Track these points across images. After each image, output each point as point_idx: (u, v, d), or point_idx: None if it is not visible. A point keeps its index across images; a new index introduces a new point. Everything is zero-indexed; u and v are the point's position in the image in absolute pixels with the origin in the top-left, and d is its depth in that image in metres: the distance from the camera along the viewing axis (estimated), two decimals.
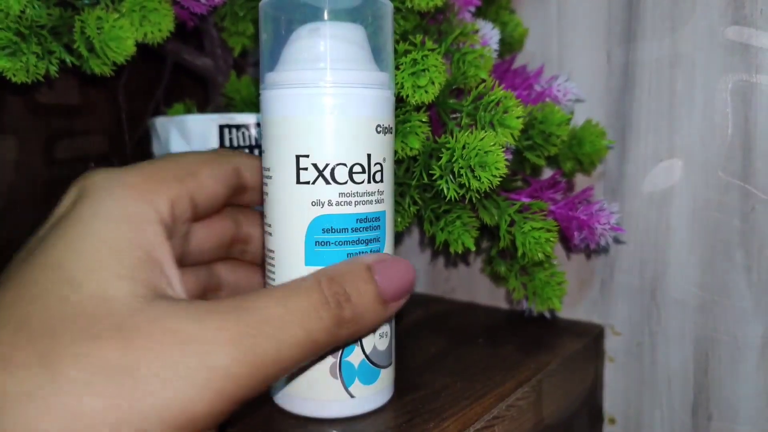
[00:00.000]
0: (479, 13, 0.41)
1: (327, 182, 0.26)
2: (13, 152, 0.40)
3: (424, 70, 0.30)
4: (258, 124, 0.37)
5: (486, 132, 0.30)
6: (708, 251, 0.38)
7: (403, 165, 0.34)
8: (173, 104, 0.43)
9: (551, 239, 0.34)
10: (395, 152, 0.32)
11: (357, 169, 0.27)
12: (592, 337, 0.41)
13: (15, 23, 0.30)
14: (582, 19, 0.42)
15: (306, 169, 0.26)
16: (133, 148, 0.45)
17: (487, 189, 0.30)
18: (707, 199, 0.38)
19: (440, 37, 0.35)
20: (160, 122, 0.38)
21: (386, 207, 0.28)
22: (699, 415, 0.39)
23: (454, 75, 0.34)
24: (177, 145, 0.37)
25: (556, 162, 0.41)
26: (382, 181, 0.28)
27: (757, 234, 0.37)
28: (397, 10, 0.33)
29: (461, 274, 0.49)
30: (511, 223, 0.34)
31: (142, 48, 0.33)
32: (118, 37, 0.31)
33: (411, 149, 0.32)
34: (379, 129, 0.27)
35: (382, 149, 0.27)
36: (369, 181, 0.27)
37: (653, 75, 0.39)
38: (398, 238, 0.51)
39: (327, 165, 0.26)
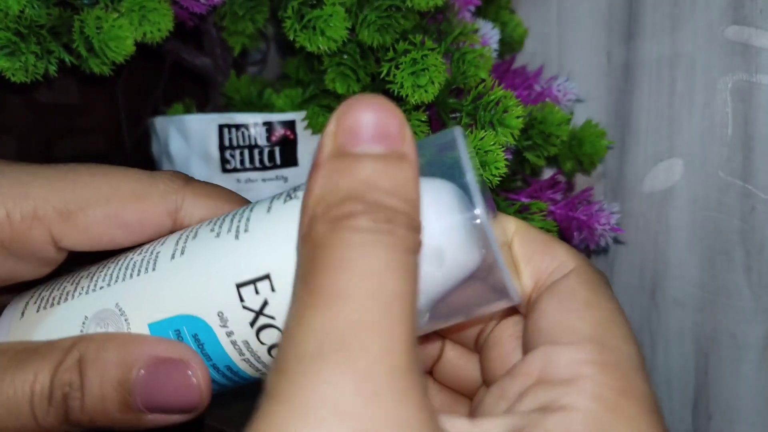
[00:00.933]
0: (479, 12, 0.41)
1: (251, 324, 0.21)
2: (12, 152, 0.40)
3: (423, 70, 0.31)
4: (257, 124, 0.37)
5: (486, 132, 0.30)
6: (708, 251, 0.38)
7: None
8: (173, 104, 0.43)
9: None
10: None
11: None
12: None
13: (14, 23, 0.30)
14: (582, 19, 0.42)
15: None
16: (132, 147, 0.45)
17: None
18: (707, 199, 0.38)
19: (440, 36, 0.35)
20: (160, 122, 0.38)
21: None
22: (699, 414, 0.39)
23: (454, 75, 0.34)
24: (176, 144, 0.37)
25: (556, 162, 0.41)
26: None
27: (757, 234, 0.37)
28: (397, 9, 0.33)
29: None
30: None
31: (142, 48, 0.33)
32: (117, 37, 0.31)
33: None
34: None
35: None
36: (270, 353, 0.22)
37: (653, 75, 0.39)
38: None
39: (273, 318, 0.21)
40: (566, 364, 0.17)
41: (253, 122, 0.37)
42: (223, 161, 0.37)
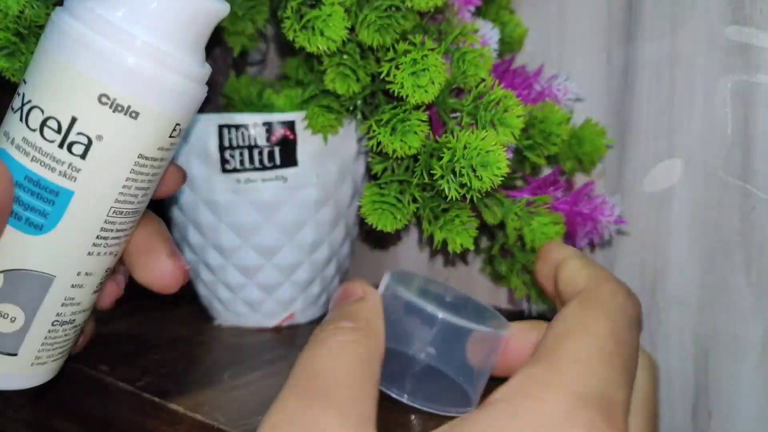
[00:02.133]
0: (479, 12, 0.41)
1: (21, 119, 0.24)
2: None
3: (424, 70, 0.31)
4: (257, 124, 0.37)
5: (487, 131, 0.30)
6: (708, 251, 0.38)
7: (403, 163, 0.34)
8: None
9: (560, 231, 0.34)
10: (394, 151, 0.32)
11: (52, 123, 0.23)
12: None
13: (14, 23, 0.30)
14: (582, 19, 0.42)
15: (19, 94, 0.25)
16: None
17: (489, 188, 0.30)
18: (707, 198, 0.38)
19: (440, 36, 0.35)
20: None
21: (79, 191, 0.24)
22: (699, 413, 0.39)
23: (454, 74, 0.34)
24: None
25: (556, 161, 0.41)
26: (83, 158, 0.24)
27: (757, 234, 0.37)
28: (396, 9, 0.33)
29: (460, 274, 0.49)
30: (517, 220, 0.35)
31: None
32: None
33: (410, 148, 0.32)
34: (105, 100, 0.23)
35: (99, 125, 0.24)
36: (61, 146, 0.24)
37: (653, 75, 0.39)
38: (397, 236, 0.51)
39: (30, 101, 0.24)
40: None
41: (253, 122, 0.37)
42: (223, 161, 0.37)
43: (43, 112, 0.24)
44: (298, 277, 0.40)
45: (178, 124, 0.25)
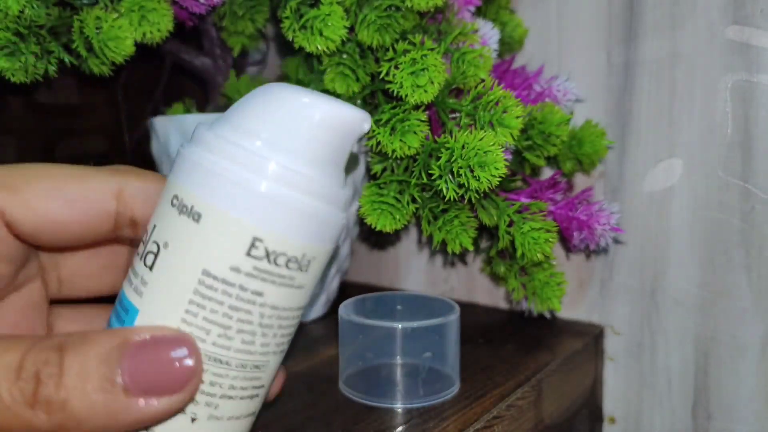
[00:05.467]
0: (479, 12, 0.41)
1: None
2: (12, 151, 0.40)
3: (423, 70, 0.30)
4: None
5: (485, 132, 0.30)
6: (708, 251, 0.38)
7: (402, 163, 0.34)
8: (172, 104, 0.43)
9: (550, 240, 0.34)
10: (393, 151, 0.32)
11: (144, 235, 0.21)
12: (592, 337, 0.41)
13: (14, 23, 0.30)
14: (582, 19, 0.42)
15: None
16: (132, 148, 0.45)
17: (486, 189, 0.30)
18: (707, 198, 0.38)
19: (440, 36, 0.35)
20: (160, 122, 0.38)
21: (143, 308, 0.20)
22: (699, 414, 0.39)
23: (454, 75, 0.34)
24: (176, 144, 0.37)
25: (556, 162, 0.41)
26: (151, 270, 0.20)
27: (757, 234, 0.37)
28: (396, 9, 0.33)
29: (460, 274, 0.49)
30: (510, 224, 0.34)
31: (141, 48, 0.33)
32: (116, 37, 0.31)
33: (410, 148, 0.32)
34: (174, 202, 0.20)
35: (167, 229, 0.20)
36: (141, 257, 0.21)
37: (653, 75, 0.39)
38: (396, 236, 0.51)
39: None
40: None
41: None
42: None
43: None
44: None
45: (258, 239, 0.20)
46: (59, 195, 0.21)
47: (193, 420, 0.20)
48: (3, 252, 0.21)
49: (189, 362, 0.19)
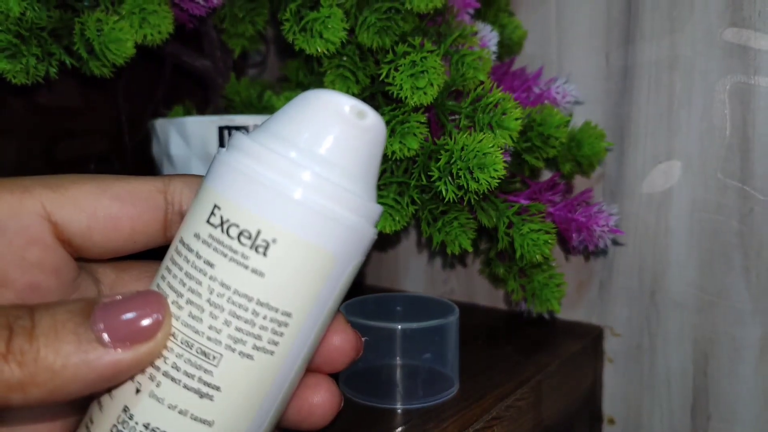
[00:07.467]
0: (478, 15, 0.41)
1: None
2: (13, 153, 0.40)
3: (423, 72, 0.31)
4: (257, 126, 0.37)
5: (485, 134, 0.30)
6: (707, 253, 0.38)
7: (402, 165, 0.34)
8: (173, 106, 0.43)
9: (549, 241, 0.34)
10: (393, 152, 0.32)
11: None
12: (591, 338, 0.41)
13: (15, 25, 0.30)
14: (581, 22, 0.42)
15: None
16: (133, 149, 0.45)
17: (486, 191, 0.30)
18: (706, 200, 0.38)
19: (439, 39, 0.35)
20: (160, 124, 0.38)
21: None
22: (698, 415, 0.39)
23: (453, 77, 0.34)
24: (177, 146, 0.37)
25: (555, 164, 0.41)
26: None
27: (755, 235, 0.37)
28: (396, 11, 0.33)
29: (460, 276, 0.49)
30: (510, 225, 0.35)
31: (142, 50, 0.33)
32: (117, 39, 0.31)
33: (409, 150, 0.32)
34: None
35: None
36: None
37: (652, 77, 0.39)
38: (396, 238, 0.51)
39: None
40: None
41: (253, 124, 0.37)
42: None
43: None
44: None
45: (216, 207, 0.20)
46: (107, 193, 0.21)
47: (137, 390, 0.20)
48: (48, 262, 0.20)
49: (157, 315, 0.19)
